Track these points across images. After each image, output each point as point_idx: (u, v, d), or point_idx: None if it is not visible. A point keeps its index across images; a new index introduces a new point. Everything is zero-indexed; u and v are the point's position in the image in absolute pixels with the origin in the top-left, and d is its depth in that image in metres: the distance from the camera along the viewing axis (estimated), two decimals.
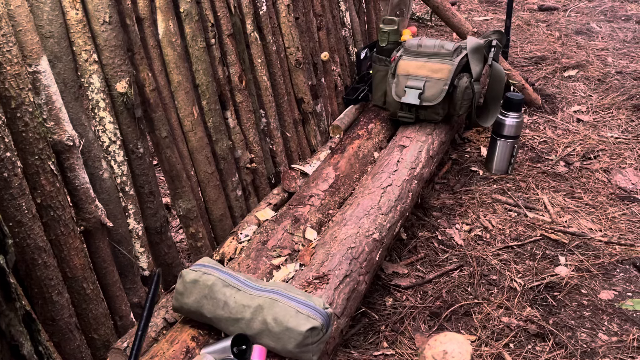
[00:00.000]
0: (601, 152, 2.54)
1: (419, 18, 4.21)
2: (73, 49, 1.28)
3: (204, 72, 1.65)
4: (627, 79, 3.17)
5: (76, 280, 1.27)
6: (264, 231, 1.65)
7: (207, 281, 1.25)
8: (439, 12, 3.01)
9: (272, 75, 1.96)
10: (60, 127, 1.22)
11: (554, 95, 3.06)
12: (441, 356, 1.25)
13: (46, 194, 1.18)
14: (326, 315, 1.20)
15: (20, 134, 1.13)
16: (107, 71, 1.34)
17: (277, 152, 2.01)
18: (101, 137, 1.36)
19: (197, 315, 1.27)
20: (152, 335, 1.35)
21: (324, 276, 1.40)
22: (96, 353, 1.34)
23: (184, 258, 1.91)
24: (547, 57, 3.51)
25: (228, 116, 1.77)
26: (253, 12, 1.84)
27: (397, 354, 1.54)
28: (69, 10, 1.25)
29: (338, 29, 2.46)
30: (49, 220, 1.20)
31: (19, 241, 1.13)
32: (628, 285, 1.80)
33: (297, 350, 1.17)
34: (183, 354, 1.20)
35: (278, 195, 1.90)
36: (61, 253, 1.23)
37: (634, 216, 2.12)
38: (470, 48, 2.30)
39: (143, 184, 1.47)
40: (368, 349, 1.57)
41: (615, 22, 4.03)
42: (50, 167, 1.18)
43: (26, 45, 1.15)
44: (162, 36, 1.49)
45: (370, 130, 2.24)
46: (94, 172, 1.34)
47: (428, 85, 2.21)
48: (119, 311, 1.41)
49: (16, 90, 1.11)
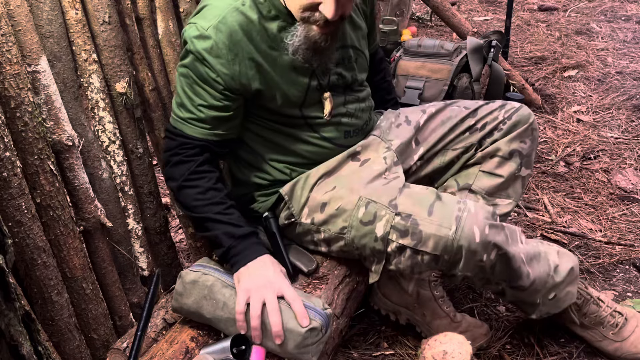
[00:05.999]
0: (601, 153, 2.54)
1: (419, 18, 4.21)
2: (72, 49, 1.28)
3: None
4: (627, 79, 3.17)
5: (76, 280, 1.27)
6: None
7: (207, 282, 1.25)
8: (438, 12, 3.01)
9: None
10: (59, 127, 1.22)
11: (554, 95, 3.06)
12: (441, 356, 1.25)
13: (45, 193, 1.18)
14: (325, 315, 1.20)
15: (19, 133, 1.13)
16: (107, 71, 1.34)
17: None
18: (101, 137, 1.35)
19: (197, 315, 1.26)
20: (152, 335, 1.35)
21: (323, 276, 1.40)
22: (95, 353, 1.34)
23: (183, 258, 1.91)
24: (547, 57, 3.51)
25: None
26: None
27: (396, 354, 1.54)
28: (69, 10, 1.25)
29: None
30: (48, 220, 1.20)
31: (19, 241, 1.13)
32: (628, 285, 1.80)
33: (296, 351, 1.17)
34: (182, 355, 1.20)
35: None
36: (61, 253, 1.23)
37: (634, 216, 2.12)
38: (469, 48, 2.31)
39: (142, 184, 1.47)
40: (368, 349, 1.57)
41: (615, 22, 4.03)
42: (49, 167, 1.18)
43: (26, 45, 1.15)
44: (161, 36, 1.49)
45: None
46: (94, 172, 1.34)
47: (428, 85, 2.22)
48: (119, 311, 1.41)
49: (15, 90, 1.11)
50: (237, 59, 1.26)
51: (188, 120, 1.31)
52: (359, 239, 1.32)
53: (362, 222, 1.30)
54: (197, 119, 1.30)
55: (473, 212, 1.24)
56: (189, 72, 1.28)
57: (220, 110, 1.30)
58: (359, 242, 1.33)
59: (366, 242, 1.31)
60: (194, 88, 1.29)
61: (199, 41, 1.25)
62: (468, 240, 1.21)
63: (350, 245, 1.35)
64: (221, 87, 1.28)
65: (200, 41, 1.25)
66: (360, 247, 1.33)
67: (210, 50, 1.25)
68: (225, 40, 1.25)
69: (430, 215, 1.25)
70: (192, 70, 1.27)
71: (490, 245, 1.23)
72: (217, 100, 1.29)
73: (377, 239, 1.29)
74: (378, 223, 1.28)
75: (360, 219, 1.31)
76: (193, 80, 1.28)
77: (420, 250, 1.25)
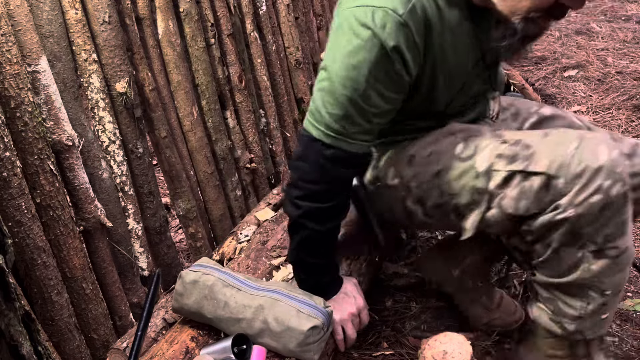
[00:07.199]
0: None
1: None
2: (72, 49, 1.28)
3: (204, 72, 1.65)
4: (627, 79, 3.18)
5: (75, 280, 1.27)
6: (264, 231, 1.65)
7: (207, 281, 1.25)
8: None
9: (271, 75, 1.96)
10: (59, 126, 1.22)
11: (554, 95, 3.06)
12: (441, 356, 1.25)
13: (45, 193, 1.18)
14: (327, 314, 1.20)
15: (19, 133, 1.13)
16: (107, 71, 1.34)
17: (276, 152, 2.00)
18: (100, 137, 1.35)
19: (198, 316, 1.26)
20: (152, 335, 1.35)
21: None
22: (95, 353, 1.34)
23: (183, 258, 1.91)
24: (547, 57, 3.51)
25: (228, 116, 1.77)
26: (253, 11, 1.84)
27: (396, 354, 1.54)
28: (69, 9, 1.25)
29: None
30: (48, 220, 1.20)
31: (19, 241, 1.13)
32: (628, 285, 1.80)
33: (298, 350, 1.17)
34: (182, 355, 1.20)
35: (278, 195, 1.90)
36: (60, 253, 1.23)
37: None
38: None
39: (142, 184, 1.47)
40: (368, 349, 1.57)
41: (615, 22, 4.04)
42: (49, 166, 1.18)
43: (25, 44, 1.15)
44: (161, 36, 1.49)
45: None
46: (94, 172, 1.34)
47: None
48: (119, 311, 1.41)
49: (15, 90, 1.11)
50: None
51: (354, 134, 1.08)
52: (456, 180, 1.14)
53: (460, 158, 1.14)
54: (366, 130, 1.09)
55: (600, 136, 1.06)
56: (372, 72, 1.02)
57: (392, 112, 1.11)
58: (456, 185, 1.14)
59: (465, 183, 1.13)
60: (376, 92, 1.05)
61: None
62: (591, 157, 1.01)
63: (445, 194, 1.16)
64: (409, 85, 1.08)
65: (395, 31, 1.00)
66: (456, 192, 1.15)
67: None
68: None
69: (546, 137, 1.08)
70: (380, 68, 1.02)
71: (616, 172, 1.01)
72: (397, 103, 1.10)
73: (479, 175, 1.11)
74: (479, 155, 1.12)
75: (458, 155, 1.14)
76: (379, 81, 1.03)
77: (530, 172, 1.05)
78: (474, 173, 1.12)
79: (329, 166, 1.09)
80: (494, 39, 1.09)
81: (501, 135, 1.13)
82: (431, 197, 1.20)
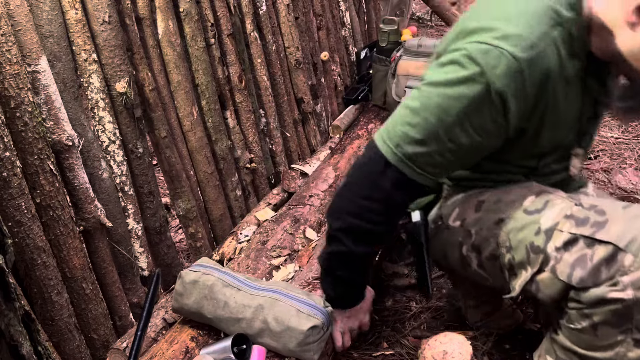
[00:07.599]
0: (601, 152, 2.54)
1: (419, 18, 4.21)
2: (72, 49, 1.28)
3: (204, 71, 1.65)
4: None
5: (75, 280, 1.27)
6: (264, 231, 1.65)
7: (207, 281, 1.25)
8: (439, 12, 3.01)
9: (271, 75, 1.96)
10: (59, 126, 1.22)
11: None
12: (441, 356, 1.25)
13: (45, 193, 1.18)
14: (327, 313, 1.20)
15: (19, 133, 1.13)
16: (107, 71, 1.34)
17: (276, 152, 2.01)
18: (100, 136, 1.35)
19: (198, 315, 1.26)
20: (152, 335, 1.35)
21: None
22: (95, 353, 1.34)
23: (183, 258, 1.91)
24: None
25: (228, 116, 1.77)
26: (253, 11, 1.84)
27: (396, 354, 1.54)
28: (69, 9, 1.25)
29: (338, 28, 2.46)
30: (48, 220, 1.20)
31: (18, 241, 1.13)
32: None
33: (298, 349, 1.17)
34: (182, 355, 1.20)
35: (278, 196, 1.90)
36: (60, 253, 1.23)
37: None
38: None
39: (142, 184, 1.47)
40: (367, 349, 1.57)
41: None
42: (49, 166, 1.18)
43: (25, 44, 1.15)
44: (161, 36, 1.49)
45: (370, 130, 2.24)
46: (93, 172, 1.34)
47: None
48: (119, 311, 1.41)
49: (15, 90, 1.11)
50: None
51: (422, 164, 1.02)
52: (516, 233, 1.06)
53: (526, 210, 1.06)
54: (436, 163, 1.03)
55: None
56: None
57: (469, 155, 1.06)
58: (514, 239, 1.06)
59: (523, 237, 1.05)
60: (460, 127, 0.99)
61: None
62: None
63: (502, 246, 1.09)
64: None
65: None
66: (513, 246, 1.07)
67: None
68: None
69: (626, 208, 0.99)
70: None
71: None
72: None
73: (540, 231, 1.02)
74: (547, 211, 1.04)
75: (525, 208, 1.07)
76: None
77: (596, 240, 0.96)
78: (536, 228, 1.04)
79: (386, 185, 1.04)
80: (614, 96, 1.03)
81: (578, 199, 1.05)
82: (488, 246, 1.13)
